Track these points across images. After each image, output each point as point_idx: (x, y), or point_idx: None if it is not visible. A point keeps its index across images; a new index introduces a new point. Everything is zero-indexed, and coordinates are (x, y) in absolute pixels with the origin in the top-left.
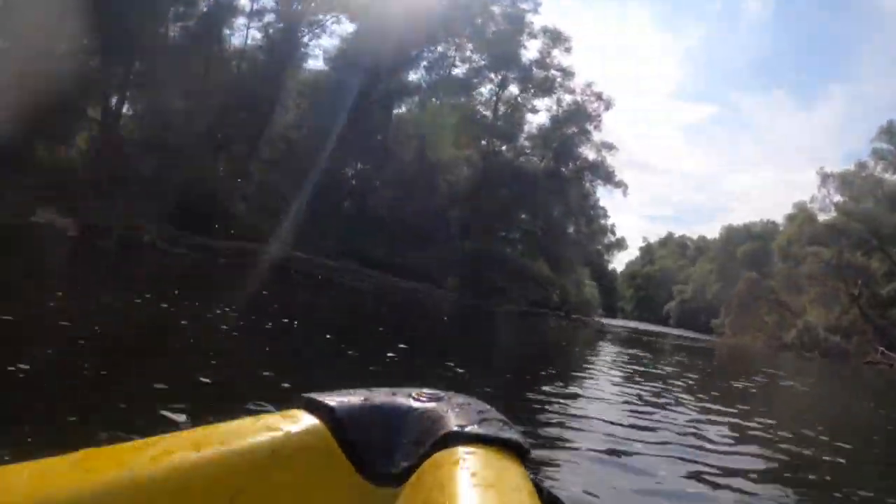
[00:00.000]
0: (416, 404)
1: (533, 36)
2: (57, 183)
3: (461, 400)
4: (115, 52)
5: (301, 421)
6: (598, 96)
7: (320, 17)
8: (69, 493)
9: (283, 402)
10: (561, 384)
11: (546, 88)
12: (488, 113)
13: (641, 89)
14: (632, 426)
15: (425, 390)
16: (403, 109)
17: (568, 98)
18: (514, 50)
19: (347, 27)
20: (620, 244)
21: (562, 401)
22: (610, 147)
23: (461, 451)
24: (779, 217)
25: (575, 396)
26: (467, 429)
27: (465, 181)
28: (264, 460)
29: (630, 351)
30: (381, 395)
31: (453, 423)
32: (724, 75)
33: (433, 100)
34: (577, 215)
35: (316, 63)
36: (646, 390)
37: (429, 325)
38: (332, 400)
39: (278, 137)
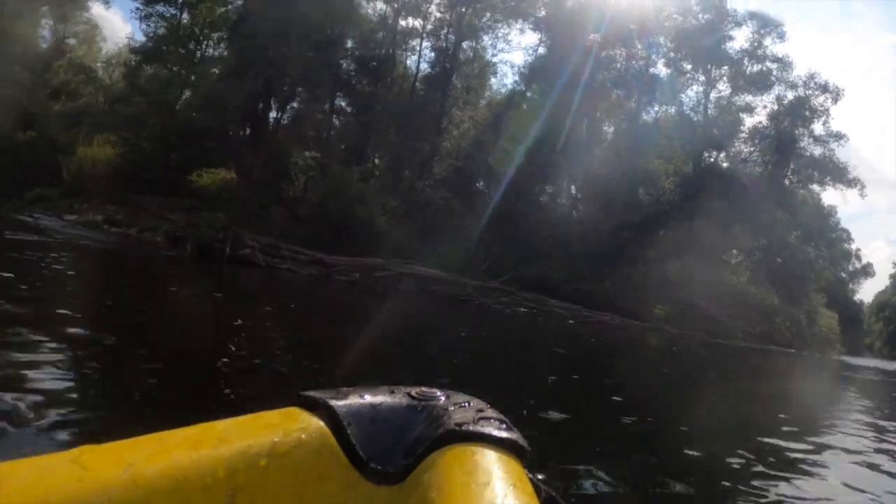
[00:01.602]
0: (415, 403)
1: (738, 24)
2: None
3: (461, 399)
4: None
5: (300, 419)
6: (824, 88)
7: (501, 27)
8: (68, 490)
9: (284, 400)
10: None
11: (761, 83)
12: (697, 117)
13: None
14: None
15: (424, 389)
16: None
17: (789, 94)
18: (720, 42)
19: (531, 38)
20: (867, 271)
21: None
22: (839, 137)
23: (460, 449)
24: None
25: None
26: (466, 428)
27: (672, 194)
28: (263, 458)
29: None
30: (380, 394)
31: (453, 421)
32: None
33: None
34: (814, 235)
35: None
36: None
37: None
38: (332, 398)
39: (452, 156)
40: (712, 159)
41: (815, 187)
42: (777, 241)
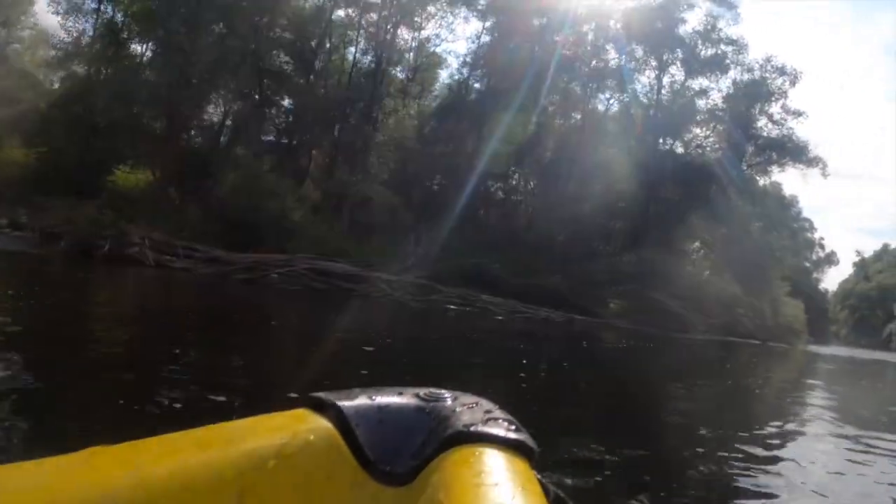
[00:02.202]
0: (423, 404)
1: (691, 6)
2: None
3: (469, 399)
4: None
5: (308, 420)
6: (781, 70)
7: (443, 15)
8: (75, 492)
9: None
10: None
11: (715, 66)
12: (650, 103)
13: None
14: None
15: (433, 390)
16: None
17: (745, 77)
18: (672, 25)
19: (475, 26)
20: (830, 259)
21: None
22: (798, 114)
23: (469, 450)
24: None
25: None
26: (474, 428)
27: (625, 184)
28: (271, 460)
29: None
30: (388, 395)
31: (461, 422)
32: None
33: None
34: (776, 224)
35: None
36: None
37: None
38: (339, 399)
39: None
40: (667, 147)
41: (775, 169)
42: (736, 228)
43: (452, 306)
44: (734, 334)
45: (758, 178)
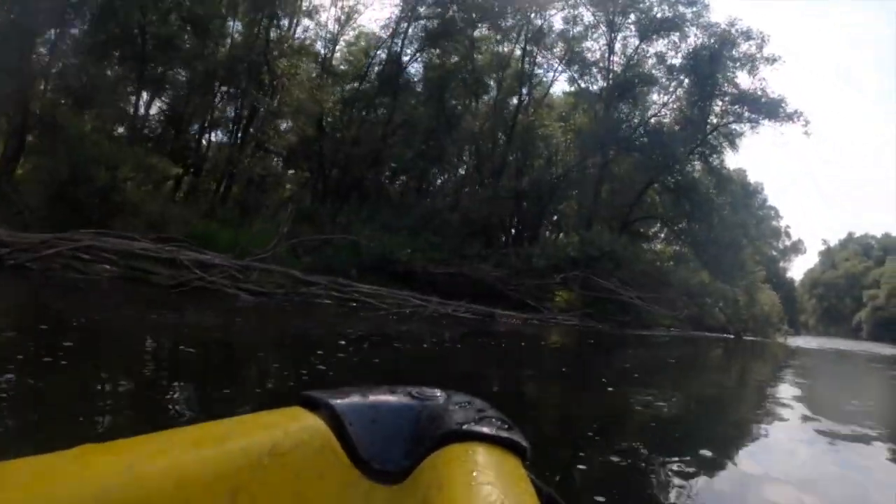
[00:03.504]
0: (415, 402)
1: None
2: None
3: (461, 398)
4: None
5: (301, 419)
6: (747, 35)
7: None
8: (68, 489)
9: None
10: None
11: (672, 28)
12: (599, 68)
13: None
14: None
15: (425, 388)
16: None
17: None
18: None
19: None
20: (797, 247)
21: None
22: (771, 61)
23: (461, 449)
24: None
25: None
26: (467, 427)
27: (570, 156)
28: (264, 458)
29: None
30: (381, 393)
31: (453, 421)
32: None
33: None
34: (740, 209)
35: None
36: None
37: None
38: (332, 398)
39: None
40: (620, 114)
41: (746, 127)
42: (702, 204)
43: (328, 301)
44: (704, 328)
45: (725, 144)
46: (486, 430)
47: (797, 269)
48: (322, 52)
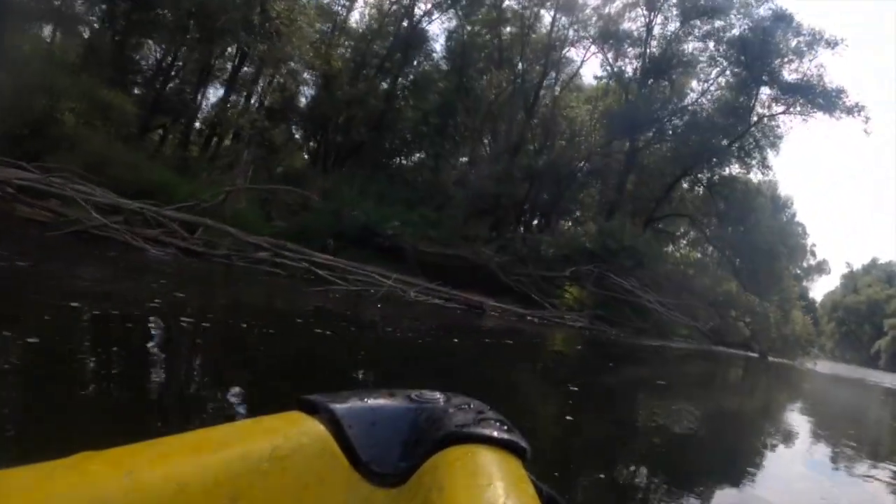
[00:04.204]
0: (415, 405)
1: None
2: None
3: (460, 400)
4: None
5: (300, 423)
6: (797, 31)
7: None
8: (67, 497)
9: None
10: None
11: (717, 13)
12: (634, 48)
13: None
14: None
15: (424, 392)
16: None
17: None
18: None
19: None
20: (822, 268)
21: None
22: (833, 44)
23: (461, 451)
24: None
25: None
26: (467, 429)
27: (596, 138)
28: (264, 463)
29: None
30: (380, 397)
31: (453, 423)
32: None
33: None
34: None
35: None
36: None
37: None
38: (332, 402)
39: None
40: (657, 95)
41: (797, 120)
42: (736, 203)
43: (279, 271)
44: (724, 343)
45: (768, 141)
46: (485, 431)
47: (818, 291)
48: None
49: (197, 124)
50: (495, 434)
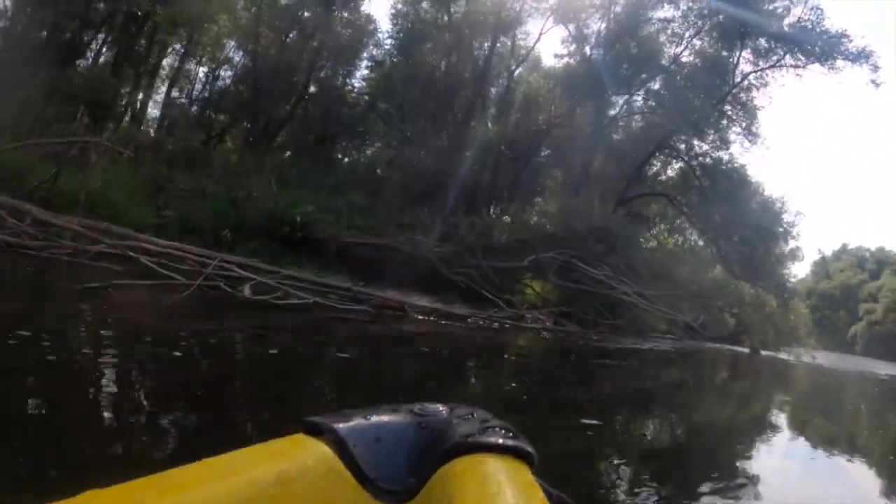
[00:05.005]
0: (419, 419)
1: None
2: None
3: (464, 411)
4: None
5: (305, 445)
6: None
7: None
8: None
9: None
10: None
11: None
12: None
13: None
14: None
15: (427, 405)
16: None
17: None
18: None
19: None
20: (796, 255)
21: None
22: None
23: (468, 461)
24: None
25: None
26: (473, 439)
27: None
28: (271, 487)
29: None
30: (383, 413)
31: (458, 434)
32: None
33: None
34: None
35: None
36: None
37: None
38: (335, 422)
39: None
40: (625, 51)
41: (791, 72)
42: (722, 181)
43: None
44: (707, 338)
45: (757, 89)
46: (491, 439)
47: (790, 278)
48: None
49: None
50: (501, 441)
